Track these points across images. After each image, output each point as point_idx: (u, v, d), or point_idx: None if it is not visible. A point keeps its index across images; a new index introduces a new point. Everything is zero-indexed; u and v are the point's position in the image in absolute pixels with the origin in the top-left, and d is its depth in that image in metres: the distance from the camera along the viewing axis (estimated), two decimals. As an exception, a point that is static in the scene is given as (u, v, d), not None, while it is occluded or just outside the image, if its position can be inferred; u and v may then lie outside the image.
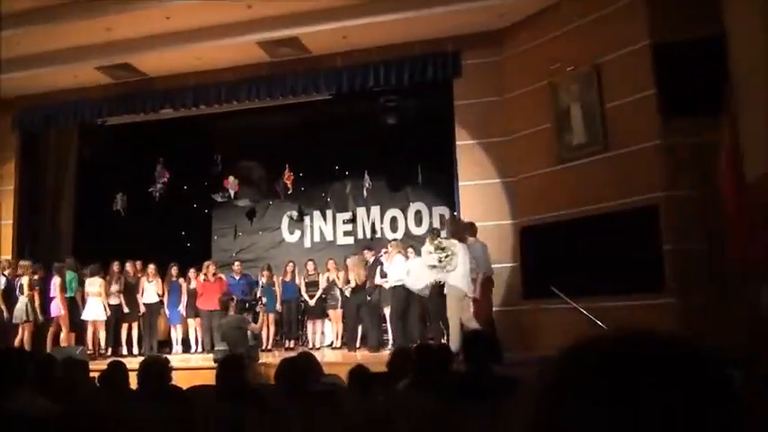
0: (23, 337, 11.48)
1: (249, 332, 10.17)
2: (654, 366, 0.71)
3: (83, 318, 11.97)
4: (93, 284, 12.05)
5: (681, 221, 8.37)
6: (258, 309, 12.31)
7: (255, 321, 11.46)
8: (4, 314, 11.64)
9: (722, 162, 7.11)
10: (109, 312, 12.13)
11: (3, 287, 11.86)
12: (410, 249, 11.57)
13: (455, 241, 9.64)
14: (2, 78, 11.95)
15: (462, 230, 9.95)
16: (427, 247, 9.95)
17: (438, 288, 10.20)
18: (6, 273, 12.02)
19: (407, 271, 10.92)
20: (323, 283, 12.58)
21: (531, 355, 8.81)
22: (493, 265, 10.01)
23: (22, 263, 12.05)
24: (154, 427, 3.27)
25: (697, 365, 0.72)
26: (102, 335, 12.13)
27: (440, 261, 9.47)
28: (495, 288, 10.19)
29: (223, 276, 12.91)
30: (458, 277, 9.34)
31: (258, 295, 12.73)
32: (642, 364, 0.71)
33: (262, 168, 15.01)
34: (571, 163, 9.85)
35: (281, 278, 12.95)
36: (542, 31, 10.39)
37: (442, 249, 9.51)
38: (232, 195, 14.72)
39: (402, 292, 11.01)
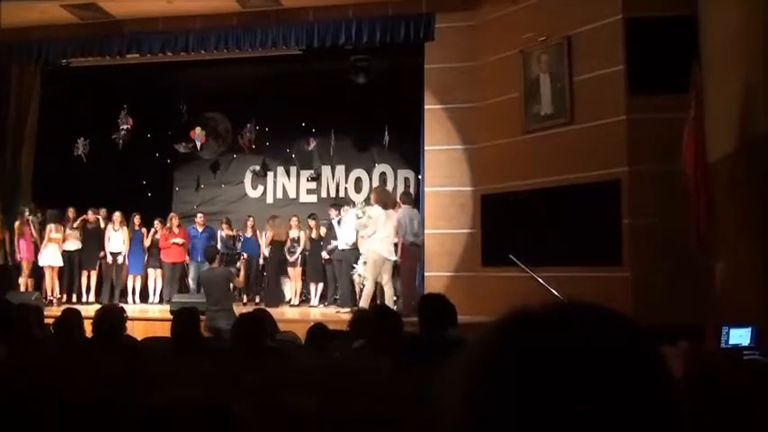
0: None
1: (232, 285, 10.03)
2: (584, 351, 0.69)
3: (40, 263, 11.89)
4: (52, 231, 11.95)
5: (642, 197, 8.46)
6: (239, 263, 12.34)
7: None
8: None
9: (686, 140, 7.18)
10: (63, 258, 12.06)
11: None
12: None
13: (377, 207, 10.05)
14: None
15: (386, 199, 10.38)
16: (354, 210, 11.07)
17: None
18: None
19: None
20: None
21: (488, 319, 8.92)
22: (453, 231, 10.19)
23: None
24: (106, 377, 3.25)
25: (630, 352, 0.71)
26: (53, 281, 12.05)
27: (358, 224, 10.54)
28: (454, 254, 10.37)
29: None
30: (375, 241, 9.87)
31: (239, 249, 12.78)
32: (571, 348, 0.69)
33: (227, 121, 14.87)
34: (537, 133, 9.88)
35: (241, 232, 12.97)
36: (516, -2, 10.35)
37: (363, 214, 10.43)
38: (198, 147, 14.58)
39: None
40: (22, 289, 11.68)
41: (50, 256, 11.91)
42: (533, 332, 0.72)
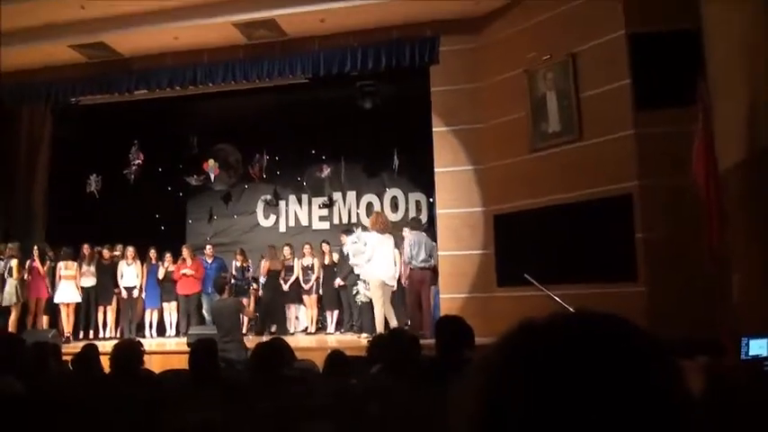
0: (10, 319, 11.51)
1: (242, 316, 10.05)
2: (596, 360, 0.69)
3: (56, 301, 11.96)
4: (67, 268, 12.03)
5: (654, 210, 8.44)
6: (251, 292, 12.39)
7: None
8: None
9: (696, 152, 7.17)
10: (81, 294, 12.12)
11: None
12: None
13: (373, 233, 10.28)
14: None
15: (382, 224, 10.50)
16: (350, 237, 11.34)
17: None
18: None
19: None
20: (297, 269, 12.64)
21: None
22: (467, 252, 10.26)
23: (10, 245, 11.97)
24: (124, 410, 3.26)
25: (644, 362, 0.71)
26: (69, 318, 12.10)
27: (354, 249, 10.99)
28: (468, 275, 10.41)
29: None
30: (374, 266, 10.14)
31: (250, 278, 12.82)
32: (581, 358, 0.69)
33: (237, 151, 14.97)
34: (545, 151, 9.89)
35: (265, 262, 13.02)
36: (518, 19, 10.39)
37: (358, 239, 10.79)
38: (212, 178, 14.66)
39: None
40: (35, 327, 11.76)
41: (65, 293, 11.98)
42: (542, 344, 0.72)
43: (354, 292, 11.37)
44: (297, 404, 3.31)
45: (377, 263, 10.09)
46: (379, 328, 9.82)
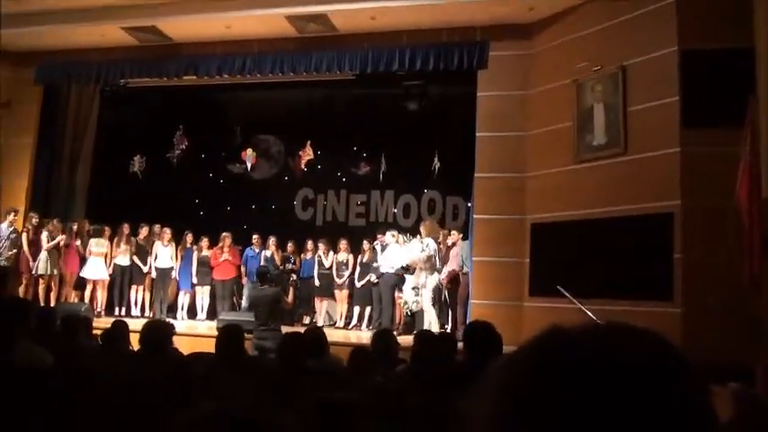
0: (39, 289, 11.83)
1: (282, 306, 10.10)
2: (623, 375, 0.68)
3: (83, 275, 12.18)
4: (99, 245, 12.25)
5: (694, 231, 8.31)
6: (290, 283, 12.49)
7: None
8: (30, 263, 11.88)
9: (740, 174, 7.05)
10: (112, 272, 12.33)
11: (31, 239, 12.14)
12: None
13: (431, 240, 10.93)
14: (29, 31, 11.99)
15: (436, 232, 11.48)
16: (415, 242, 11.35)
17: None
18: (32, 224, 12.24)
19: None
20: (331, 263, 12.71)
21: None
22: (501, 259, 10.37)
23: (55, 222, 12.22)
24: (150, 388, 3.30)
25: (670, 376, 0.70)
26: (102, 294, 12.31)
27: (424, 256, 10.97)
28: (501, 283, 10.46)
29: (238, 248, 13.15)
30: (434, 271, 10.81)
31: (290, 268, 12.93)
32: (607, 368, 0.68)
33: (280, 143, 15.07)
34: (589, 163, 9.80)
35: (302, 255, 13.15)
36: (571, 28, 10.31)
37: (427, 247, 10.86)
38: (249, 167, 14.78)
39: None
40: (69, 300, 12.05)
41: (93, 269, 12.19)
42: (572, 353, 0.71)
43: (404, 303, 11.34)
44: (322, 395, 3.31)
45: (437, 268, 10.83)
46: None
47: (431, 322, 10.44)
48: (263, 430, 1.15)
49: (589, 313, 8.80)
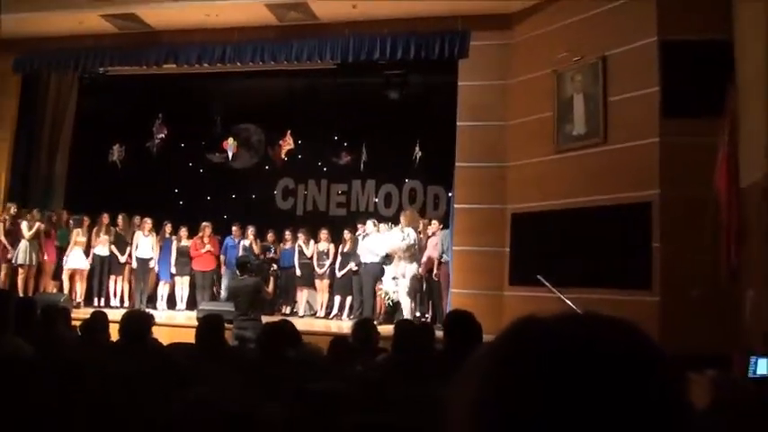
0: (18, 279, 11.75)
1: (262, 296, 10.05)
2: (598, 363, 0.69)
3: (64, 266, 12.10)
4: (78, 235, 12.19)
5: (672, 220, 8.37)
6: (270, 273, 12.46)
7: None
8: (9, 253, 11.83)
9: (719, 165, 7.12)
10: (92, 262, 12.26)
11: (8, 229, 12.07)
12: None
13: (411, 230, 11.16)
14: (6, 18, 11.83)
15: (415, 221, 11.76)
16: (395, 231, 11.47)
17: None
18: (10, 214, 12.15)
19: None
20: (312, 253, 12.69)
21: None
22: (482, 248, 10.48)
23: (34, 212, 12.14)
24: (133, 378, 3.29)
25: (644, 364, 0.71)
26: (81, 285, 12.26)
27: (404, 246, 11.15)
28: (482, 272, 10.57)
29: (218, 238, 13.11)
30: (413, 261, 11.04)
31: (270, 258, 12.91)
32: (581, 356, 0.69)
33: (260, 132, 15.02)
34: (568, 153, 9.83)
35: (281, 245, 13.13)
36: (551, 18, 10.32)
37: (408, 236, 11.07)
38: (230, 157, 14.72)
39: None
40: (48, 290, 11.98)
41: (75, 260, 12.11)
42: (549, 339, 0.72)
43: (384, 294, 11.37)
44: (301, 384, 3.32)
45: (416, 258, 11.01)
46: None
47: (409, 311, 10.54)
48: (254, 422, 1.16)
49: (569, 302, 8.85)
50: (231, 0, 11.14)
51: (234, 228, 13.22)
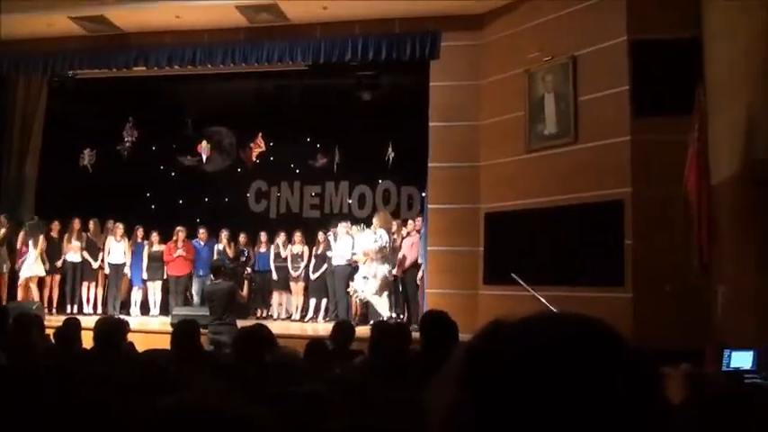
0: None
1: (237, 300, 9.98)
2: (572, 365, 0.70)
3: (20, 274, 11.86)
4: (36, 241, 12.01)
5: (644, 218, 8.45)
6: (245, 277, 12.41)
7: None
8: None
9: (689, 162, 7.20)
10: (63, 268, 12.09)
11: None
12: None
13: (384, 231, 11.21)
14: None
15: (388, 222, 11.71)
16: (368, 233, 11.52)
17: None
18: None
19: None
20: (287, 255, 12.65)
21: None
22: (456, 248, 10.52)
23: (2, 218, 11.98)
24: (112, 385, 3.25)
25: (617, 364, 0.71)
26: (53, 292, 12.09)
27: (377, 247, 11.11)
28: (456, 271, 10.60)
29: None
30: (383, 262, 11.00)
31: (244, 261, 12.85)
32: (553, 356, 0.70)
33: (232, 135, 14.94)
34: (540, 152, 9.89)
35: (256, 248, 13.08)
36: (521, 19, 10.37)
37: (380, 238, 11.12)
38: (204, 160, 14.62)
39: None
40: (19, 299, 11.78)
41: (29, 266, 11.89)
42: (513, 345, 0.73)
43: (353, 291, 11.36)
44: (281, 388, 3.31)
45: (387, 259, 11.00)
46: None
47: (386, 311, 10.61)
48: (254, 426, 1.15)
49: (543, 300, 8.91)
50: (201, 1, 11.06)
51: (201, 231, 13.15)
